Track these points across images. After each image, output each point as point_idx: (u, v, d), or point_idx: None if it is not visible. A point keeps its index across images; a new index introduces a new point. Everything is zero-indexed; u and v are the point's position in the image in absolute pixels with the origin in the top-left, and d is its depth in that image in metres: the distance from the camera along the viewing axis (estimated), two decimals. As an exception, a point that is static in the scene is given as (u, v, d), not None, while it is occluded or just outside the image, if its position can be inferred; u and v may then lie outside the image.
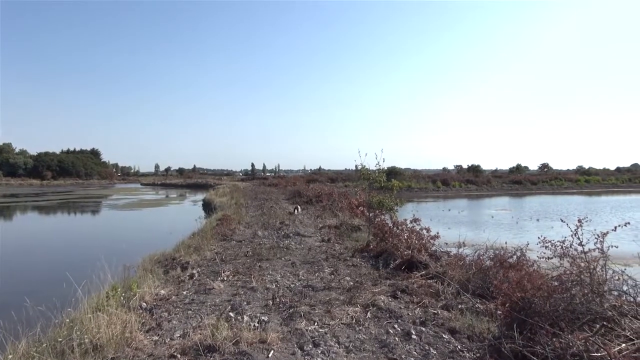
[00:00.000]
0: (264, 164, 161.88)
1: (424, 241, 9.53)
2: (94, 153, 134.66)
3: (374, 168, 13.74)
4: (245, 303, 6.18)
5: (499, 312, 4.64)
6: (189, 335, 4.84)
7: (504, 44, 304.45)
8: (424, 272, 7.71)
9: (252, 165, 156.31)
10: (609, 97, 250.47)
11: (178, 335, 5.00)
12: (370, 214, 12.79)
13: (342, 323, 5.34)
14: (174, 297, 6.69)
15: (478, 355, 4.23)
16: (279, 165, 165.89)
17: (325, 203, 23.17)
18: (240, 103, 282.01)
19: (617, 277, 4.52)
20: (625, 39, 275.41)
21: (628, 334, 3.63)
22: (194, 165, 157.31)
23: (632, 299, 4.18)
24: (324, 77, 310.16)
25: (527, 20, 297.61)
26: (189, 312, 5.92)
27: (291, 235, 13.14)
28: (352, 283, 7.26)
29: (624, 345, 3.36)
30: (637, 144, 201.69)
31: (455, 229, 19.44)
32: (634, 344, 3.40)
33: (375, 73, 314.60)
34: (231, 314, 5.59)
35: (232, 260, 9.30)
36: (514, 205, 39.79)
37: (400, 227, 10.45)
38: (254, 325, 5.16)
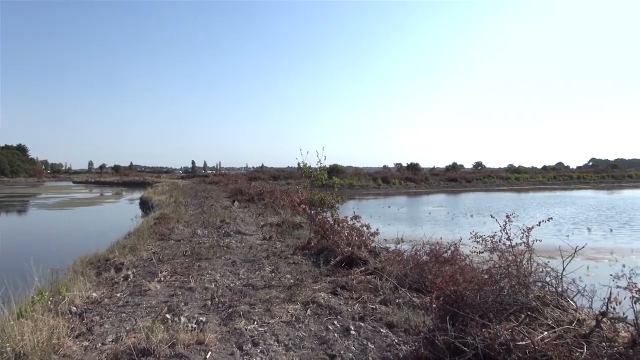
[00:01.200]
0: (204, 162, 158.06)
1: (364, 238, 9.71)
2: (21, 149, 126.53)
3: (316, 166, 13.85)
4: (182, 304, 6.03)
5: (433, 305, 4.80)
6: (122, 340, 4.65)
7: (446, 51, 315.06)
8: (363, 268, 7.83)
9: (193, 162, 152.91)
10: (538, 101, 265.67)
11: (110, 339, 4.80)
12: (312, 212, 12.87)
13: (282, 321, 5.33)
14: (106, 299, 6.41)
15: (413, 347, 4.35)
16: (220, 163, 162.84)
17: (267, 201, 23.03)
18: (181, 99, 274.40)
19: (541, 269, 4.80)
20: (557, 47, 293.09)
21: (550, 323, 3.86)
22: (131, 163, 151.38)
23: (554, 289, 4.45)
24: (266, 75, 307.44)
25: (475, 29, 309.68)
26: (123, 315, 5.69)
27: (232, 233, 12.95)
28: (292, 281, 7.27)
29: (546, 333, 3.58)
30: (561, 144, 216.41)
31: (395, 225, 19.98)
32: (555, 332, 3.62)
33: (311, 72, 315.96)
34: (168, 315, 5.42)
35: (169, 260, 9.04)
36: (450, 202, 41.37)
37: (341, 225, 10.58)
38: (192, 327, 5.04)
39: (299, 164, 14.46)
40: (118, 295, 6.63)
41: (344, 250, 8.75)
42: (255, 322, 5.26)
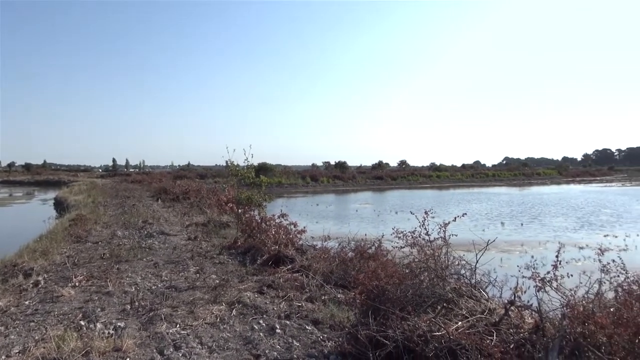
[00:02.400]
0: (127, 160, 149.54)
1: (291, 236, 9.73)
2: None
3: (243, 164, 13.72)
4: (99, 309, 5.71)
5: (357, 300, 4.91)
6: (29, 350, 4.31)
7: (385, 56, 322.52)
8: (290, 266, 7.85)
9: (114, 160, 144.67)
10: (459, 103, 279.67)
11: (16, 351, 4.44)
12: (240, 211, 12.71)
13: (206, 323, 5.21)
14: (13, 308, 5.93)
15: (337, 343, 4.43)
16: (144, 161, 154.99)
17: (192, 200, 22.45)
18: (99, 91, 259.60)
19: (457, 262, 5.06)
20: (479, 53, 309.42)
21: (464, 313, 4.07)
22: (44, 161, 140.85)
23: (468, 281, 4.71)
24: (190, 71, 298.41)
25: (418, 36, 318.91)
26: (32, 324, 5.29)
27: (155, 234, 12.48)
28: (218, 281, 7.13)
29: (460, 322, 3.77)
30: (478, 144, 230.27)
31: (323, 223, 20.16)
32: (468, 321, 3.83)
33: (239, 67, 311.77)
34: (82, 322, 5.12)
35: (86, 264, 8.54)
36: (376, 200, 42.46)
37: (268, 223, 10.52)
38: (109, 333, 4.79)
39: (226, 162, 14.26)
40: (27, 302, 6.16)
41: (271, 248, 8.73)
42: (178, 325, 5.11)
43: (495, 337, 3.55)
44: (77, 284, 6.99)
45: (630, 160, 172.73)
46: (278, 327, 5.11)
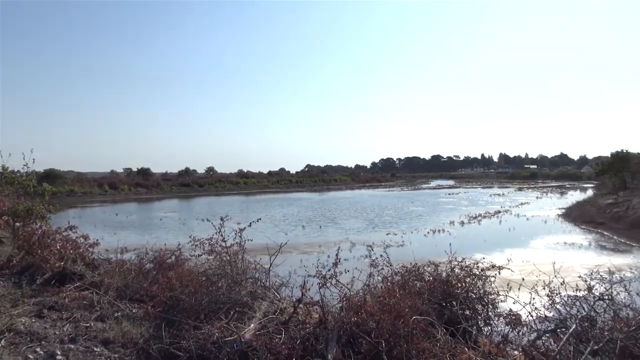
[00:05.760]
0: None
1: (81, 250, 8.80)
2: None
3: (23, 170, 12.11)
4: None
5: (150, 314, 4.71)
6: None
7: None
8: (78, 284, 7.10)
9: None
10: (265, 114, 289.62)
11: None
12: (17, 224, 11.09)
13: (-38, 361, 4.39)
14: None
15: (129, 361, 4.18)
16: None
17: (-49, 213, 18.65)
18: None
19: (253, 266, 5.25)
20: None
21: (258, 315, 4.24)
22: None
23: (263, 284, 4.93)
24: None
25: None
26: None
27: None
28: (-18, 309, 6.06)
29: (252, 325, 3.92)
30: (283, 152, 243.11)
31: (121, 234, 18.79)
32: (260, 322, 4.00)
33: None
34: None
35: None
36: (182, 207, 41.31)
37: (52, 237, 9.35)
38: None
39: (0, 168, 12.36)
40: None
41: (55, 265, 7.76)
42: None
43: (284, 335, 3.78)
44: None
45: (408, 168, 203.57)
46: (59, 352, 4.58)
